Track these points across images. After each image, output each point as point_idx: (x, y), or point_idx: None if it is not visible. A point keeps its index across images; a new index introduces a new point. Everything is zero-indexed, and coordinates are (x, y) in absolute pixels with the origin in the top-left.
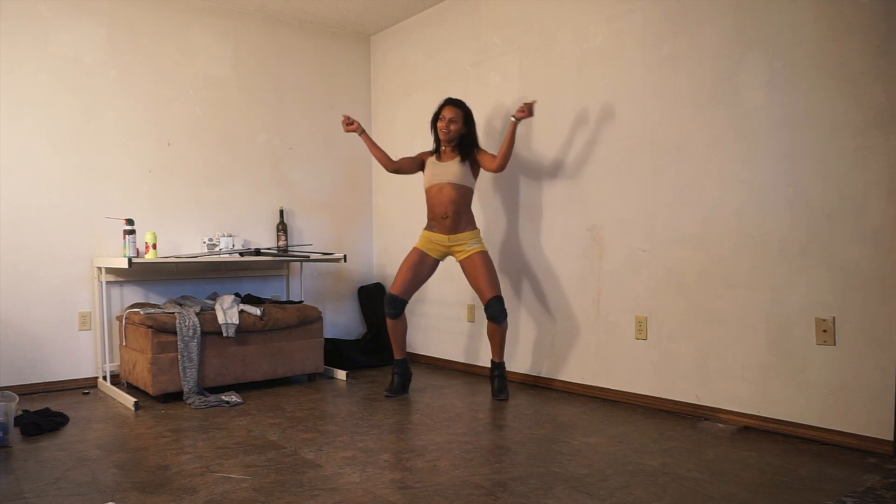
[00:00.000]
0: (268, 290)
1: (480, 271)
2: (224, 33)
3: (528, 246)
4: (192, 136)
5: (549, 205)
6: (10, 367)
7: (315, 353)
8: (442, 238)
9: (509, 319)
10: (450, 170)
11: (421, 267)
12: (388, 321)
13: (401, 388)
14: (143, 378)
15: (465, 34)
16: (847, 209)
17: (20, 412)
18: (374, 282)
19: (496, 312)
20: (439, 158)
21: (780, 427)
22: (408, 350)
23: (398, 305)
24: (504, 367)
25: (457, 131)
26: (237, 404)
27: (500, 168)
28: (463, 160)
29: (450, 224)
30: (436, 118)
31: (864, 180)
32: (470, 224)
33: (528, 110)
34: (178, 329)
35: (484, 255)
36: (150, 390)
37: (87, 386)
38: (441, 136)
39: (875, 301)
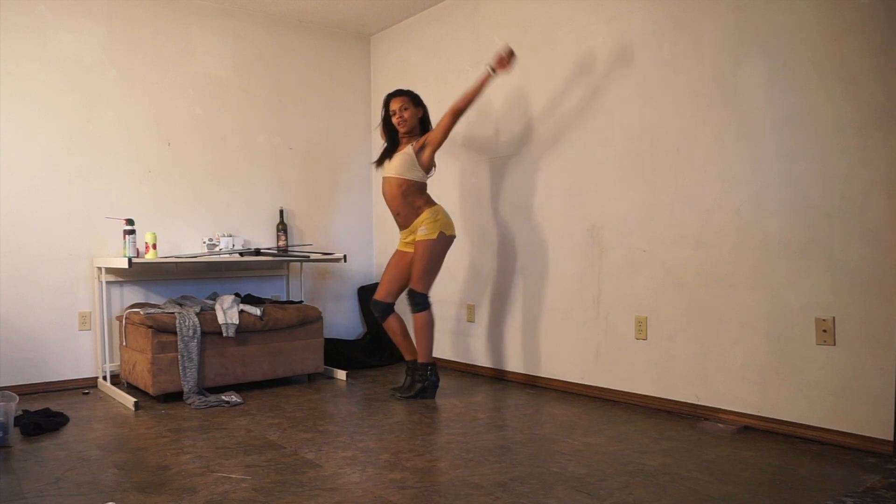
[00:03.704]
0: (268, 290)
1: (420, 259)
2: (224, 33)
3: (528, 246)
4: (192, 136)
5: (549, 205)
6: (10, 367)
7: (315, 353)
8: (403, 234)
9: (509, 319)
10: (394, 162)
11: (399, 267)
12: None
13: (408, 389)
14: (143, 378)
15: (465, 34)
16: (847, 209)
17: (20, 412)
18: (374, 282)
19: (411, 303)
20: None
21: (780, 427)
22: None
23: (380, 308)
24: (414, 368)
25: (411, 116)
26: (237, 404)
27: (455, 111)
28: (414, 146)
29: (401, 220)
30: (387, 116)
31: (864, 180)
32: (420, 210)
33: (507, 62)
34: (178, 329)
35: (426, 243)
36: (150, 390)
37: (87, 386)
38: (400, 129)
39: (875, 301)
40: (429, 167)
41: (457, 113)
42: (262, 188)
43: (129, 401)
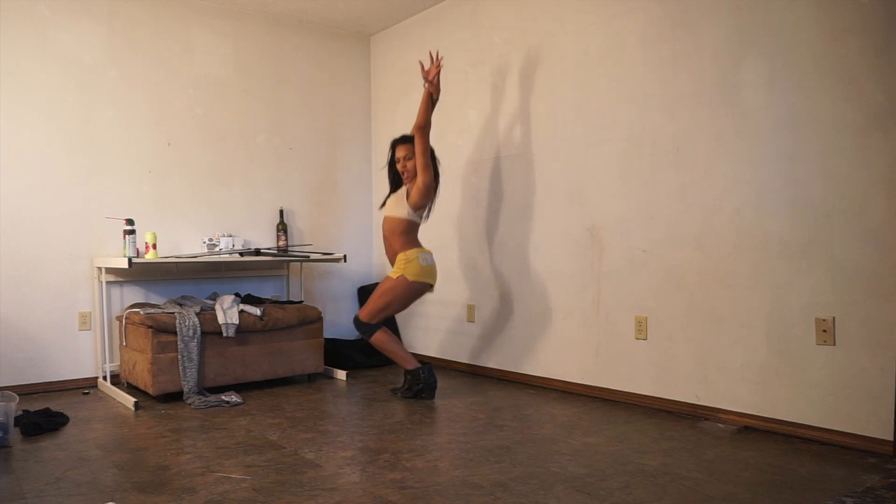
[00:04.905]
0: (268, 290)
1: (376, 291)
2: (224, 33)
3: (528, 246)
4: (192, 136)
5: (549, 205)
6: (10, 367)
7: (315, 353)
8: None
9: (509, 319)
10: (389, 202)
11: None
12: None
13: (406, 390)
14: (143, 378)
15: (465, 34)
16: (847, 209)
17: (20, 412)
18: (374, 282)
19: (359, 331)
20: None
21: (780, 427)
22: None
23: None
24: (407, 373)
25: (413, 166)
26: (237, 404)
27: (418, 128)
28: (409, 186)
29: (388, 257)
30: (392, 159)
31: (864, 180)
32: (402, 248)
33: (430, 73)
34: (178, 329)
35: (389, 280)
36: (150, 390)
37: (87, 386)
38: (405, 179)
39: (875, 301)
40: (418, 204)
41: (421, 129)
42: (262, 188)
43: (129, 401)
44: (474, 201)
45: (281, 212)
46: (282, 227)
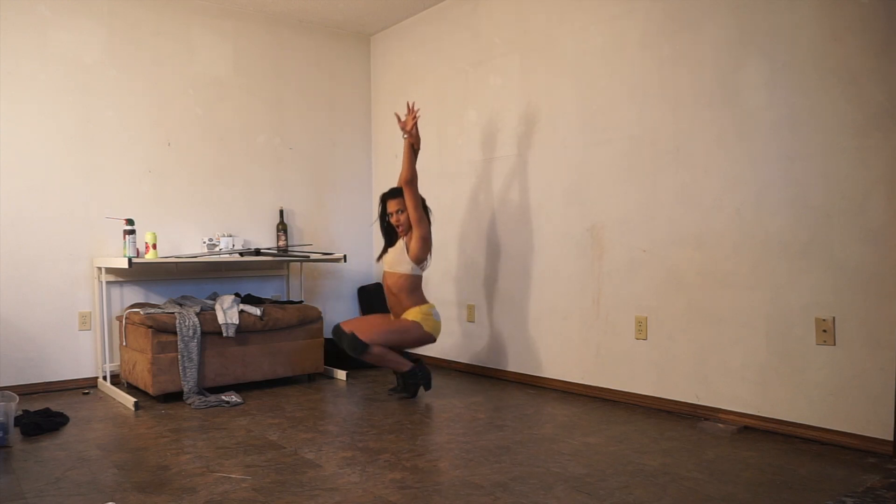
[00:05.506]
0: (268, 290)
1: (389, 325)
2: (224, 33)
3: (528, 246)
4: (192, 136)
5: (548, 205)
6: (10, 367)
7: (315, 353)
8: None
9: (509, 319)
10: (388, 257)
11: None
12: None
13: (403, 389)
14: (143, 378)
15: (465, 34)
16: (847, 209)
17: (20, 412)
18: (374, 282)
19: (354, 350)
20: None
21: (780, 427)
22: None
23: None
24: (401, 375)
25: (406, 219)
26: (237, 404)
27: (405, 182)
28: (405, 239)
29: (393, 312)
30: (385, 216)
31: (864, 180)
32: (414, 304)
33: (407, 123)
34: (178, 329)
35: (406, 321)
36: (150, 390)
37: (87, 386)
38: (400, 232)
39: (875, 301)
40: (419, 257)
41: (408, 183)
42: (262, 188)
43: (129, 401)
44: (474, 201)
45: (281, 212)
46: (282, 227)
